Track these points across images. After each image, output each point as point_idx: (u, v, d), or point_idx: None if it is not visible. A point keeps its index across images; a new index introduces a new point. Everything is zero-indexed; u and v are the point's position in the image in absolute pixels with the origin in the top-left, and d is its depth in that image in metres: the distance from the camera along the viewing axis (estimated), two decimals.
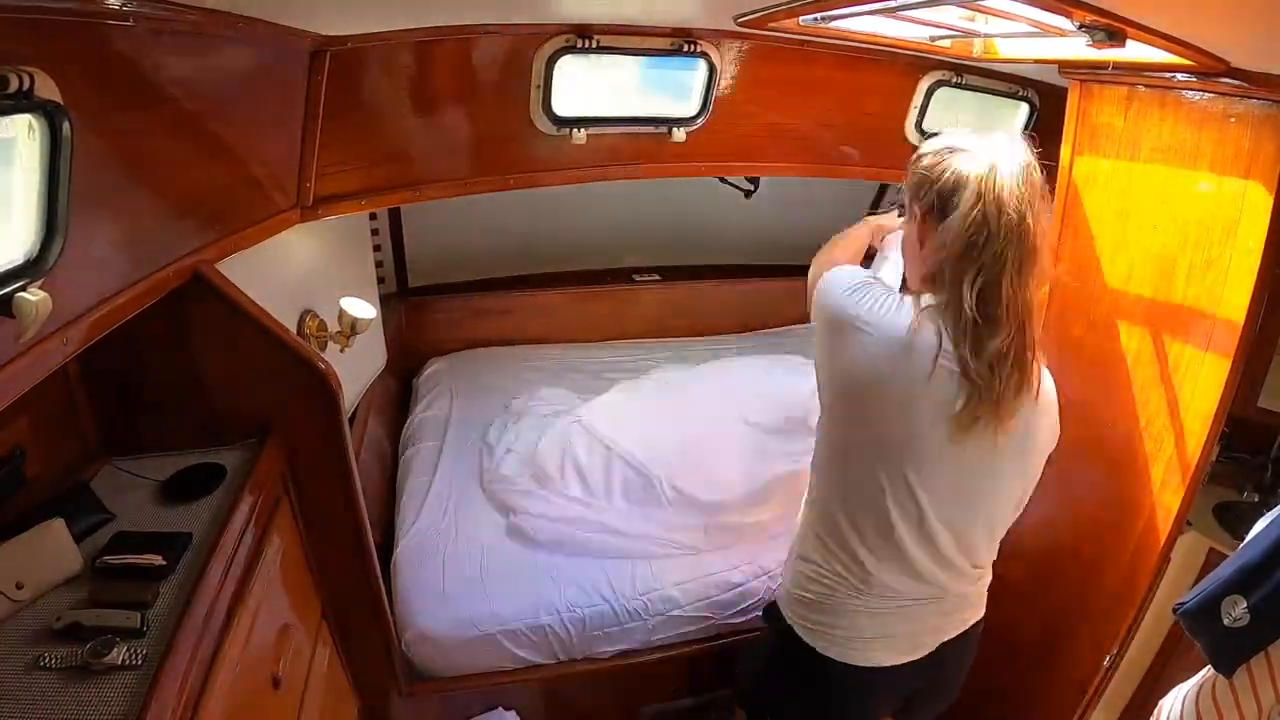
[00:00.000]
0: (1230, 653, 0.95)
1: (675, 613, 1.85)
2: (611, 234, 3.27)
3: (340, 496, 1.38)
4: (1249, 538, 1.00)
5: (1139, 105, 1.39)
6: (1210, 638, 0.97)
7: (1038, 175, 1.03)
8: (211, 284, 1.17)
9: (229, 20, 1.06)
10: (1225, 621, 0.94)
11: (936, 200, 1.04)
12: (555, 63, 1.62)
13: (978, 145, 1.04)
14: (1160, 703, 1.10)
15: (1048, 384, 1.15)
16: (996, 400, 1.02)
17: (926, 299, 1.06)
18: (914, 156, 1.11)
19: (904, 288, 1.17)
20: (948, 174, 1.03)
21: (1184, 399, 1.37)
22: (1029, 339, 1.03)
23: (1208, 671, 1.01)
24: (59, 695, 0.82)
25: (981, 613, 1.30)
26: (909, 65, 1.95)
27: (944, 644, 1.23)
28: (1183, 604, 1.01)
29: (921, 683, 1.26)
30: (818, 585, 1.20)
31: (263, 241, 1.40)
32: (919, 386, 1.03)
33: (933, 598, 1.18)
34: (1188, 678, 1.07)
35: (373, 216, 2.63)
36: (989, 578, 1.29)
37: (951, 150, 1.05)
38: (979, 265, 0.99)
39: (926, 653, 1.22)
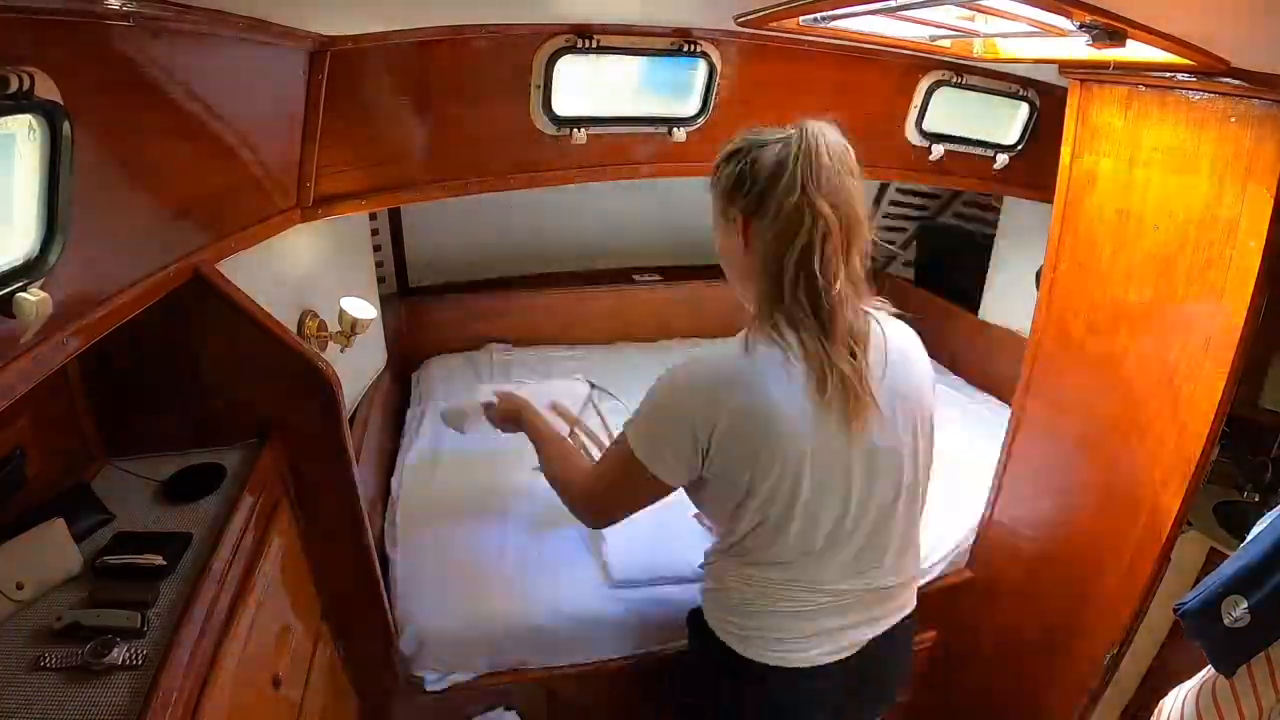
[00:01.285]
0: (1231, 653, 0.95)
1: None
2: (611, 234, 3.26)
3: (340, 496, 1.38)
4: (1249, 538, 1.00)
5: (1139, 105, 1.39)
6: (1211, 638, 0.97)
7: (850, 152, 1.04)
8: (212, 284, 1.17)
9: (229, 20, 1.06)
10: (1226, 622, 0.94)
11: (756, 195, 1.02)
12: (555, 62, 1.62)
13: (783, 134, 1.03)
14: (1161, 703, 1.10)
15: (897, 333, 1.13)
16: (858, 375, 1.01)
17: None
18: (717, 163, 1.09)
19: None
20: (761, 165, 1.01)
21: (1184, 398, 1.37)
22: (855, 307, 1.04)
23: (1208, 671, 1.01)
24: (59, 695, 0.82)
25: (912, 605, 1.25)
26: (909, 65, 1.95)
27: (873, 640, 1.18)
28: (1183, 604, 1.01)
29: (852, 683, 1.20)
30: (743, 589, 1.14)
31: (263, 242, 1.40)
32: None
33: (862, 588, 1.14)
34: (1188, 677, 1.07)
35: (373, 216, 2.62)
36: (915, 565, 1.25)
37: (758, 144, 1.03)
38: (807, 247, 0.99)
39: (856, 651, 1.17)
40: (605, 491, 1.20)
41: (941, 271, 3.31)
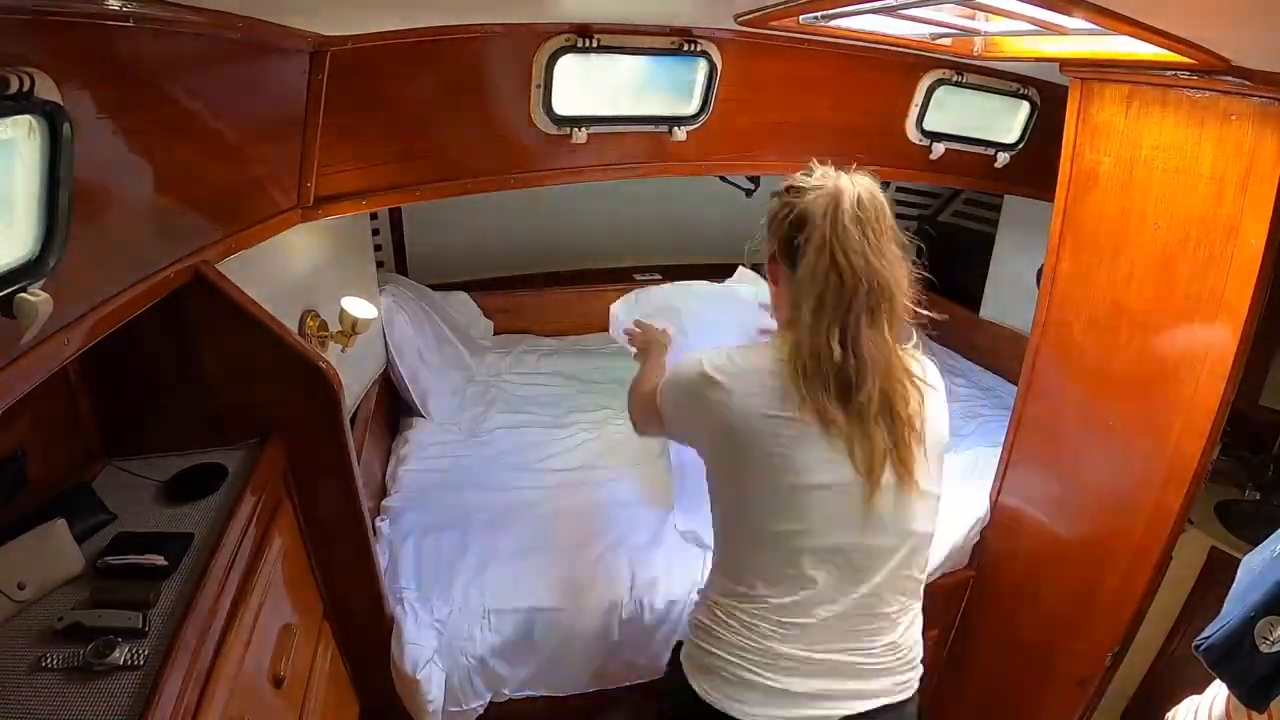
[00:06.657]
0: (1267, 684, 0.88)
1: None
2: (611, 234, 3.27)
3: (342, 496, 1.38)
4: (1264, 560, 0.94)
5: (1140, 103, 1.39)
6: (1242, 669, 0.90)
7: (887, 215, 1.02)
8: (213, 284, 1.17)
9: (229, 20, 1.06)
10: (1263, 648, 0.87)
11: (781, 241, 1.06)
12: (555, 62, 1.62)
13: (822, 182, 1.04)
14: (1174, 710, 1.08)
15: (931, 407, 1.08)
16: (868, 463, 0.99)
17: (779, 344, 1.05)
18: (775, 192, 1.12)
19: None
20: (793, 213, 1.04)
21: (1185, 397, 1.37)
22: (897, 392, 1.00)
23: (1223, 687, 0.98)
24: (61, 695, 0.82)
25: (906, 693, 1.10)
26: (909, 64, 1.95)
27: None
28: (1205, 639, 0.94)
29: None
30: (714, 615, 1.09)
31: (264, 241, 1.40)
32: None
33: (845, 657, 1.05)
34: (1190, 676, 1.06)
35: (373, 216, 2.63)
36: (909, 655, 1.11)
37: (796, 189, 1.05)
38: (832, 315, 0.98)
39: None
40: (643, 418, 1.33)
41: (941, 270, 3.31)
